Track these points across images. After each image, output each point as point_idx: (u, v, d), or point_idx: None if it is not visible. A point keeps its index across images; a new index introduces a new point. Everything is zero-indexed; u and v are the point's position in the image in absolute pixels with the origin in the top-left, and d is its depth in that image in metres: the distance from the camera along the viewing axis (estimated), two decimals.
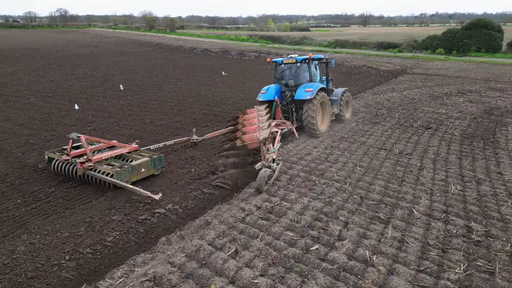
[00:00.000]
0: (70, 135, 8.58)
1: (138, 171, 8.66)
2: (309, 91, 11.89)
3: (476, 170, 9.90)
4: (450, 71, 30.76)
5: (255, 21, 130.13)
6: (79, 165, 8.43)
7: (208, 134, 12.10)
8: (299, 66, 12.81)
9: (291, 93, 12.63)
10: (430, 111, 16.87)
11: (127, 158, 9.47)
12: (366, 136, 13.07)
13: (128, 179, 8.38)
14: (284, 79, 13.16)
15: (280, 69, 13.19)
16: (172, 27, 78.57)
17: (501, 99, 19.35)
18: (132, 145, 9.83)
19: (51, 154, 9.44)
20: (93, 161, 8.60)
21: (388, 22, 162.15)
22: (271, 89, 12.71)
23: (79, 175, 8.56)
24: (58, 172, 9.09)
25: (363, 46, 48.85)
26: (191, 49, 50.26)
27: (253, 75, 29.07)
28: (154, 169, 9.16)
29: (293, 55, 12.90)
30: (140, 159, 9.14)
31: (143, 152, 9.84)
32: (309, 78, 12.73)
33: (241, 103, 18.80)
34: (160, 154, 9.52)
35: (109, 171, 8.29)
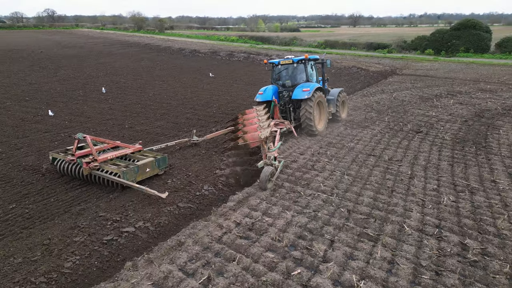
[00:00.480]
0: (76, 135, 8.59)
1: (143, 170, 8.79)
2: (306, 91, 12.06)
3: (469, 178, 9.39)
4: (439, 72, 30.48)
5: (246, 22, 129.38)
6: (85, 165, 8.47)
7: (209, 135, 12.09)
8: (296, 67, 13.00)
9: (289, 93, 12.83)
10: (420, 114, 16.40)
11: (131, 158, 9.59)
12: (355, 141, 12.51)
13: (134, 178, 8.48)
14: (281, 79, 13.32)
15: (277, 70, 13.36)
16: (161, 27, 77.44)
17: (491, 101, 19.00)
18: (135, 146, 9.93)
19: (55, 154, 9.43)
20: (99, 161, 8.65)
21: (378, 22, 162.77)
22: (268, 90, 12.84)
23: (85, 175, 8.62)
24: (63, 172, 9.16)
25: (352, 47, 48.54)
26: (180, 50, 49.39)
27: (241, 77, 28.41)
28: (158, 169, 9.32)
29: (289, 56, 13.07)
30: (144, 159, 9.25)
31: (146, 152, 9.99)
32: (306, 78, 12.93)
33: (226, 106, 18.14)
34: (164, 154, 9.64)
35: (115, 171, 8.37)
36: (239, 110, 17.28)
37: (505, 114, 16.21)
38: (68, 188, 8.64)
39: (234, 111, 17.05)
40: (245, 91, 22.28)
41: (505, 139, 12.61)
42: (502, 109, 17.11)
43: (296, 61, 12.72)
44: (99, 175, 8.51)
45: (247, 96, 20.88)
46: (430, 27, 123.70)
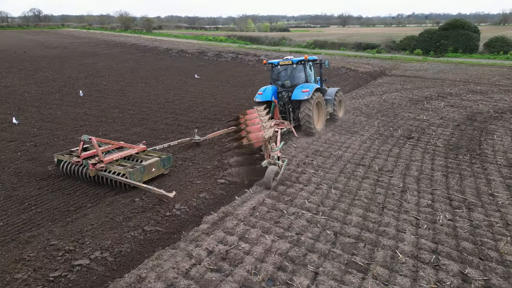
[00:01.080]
0: (82, 137, 8.57)
1: (149, 170, 8.82)
2: (305, 92, 12.12)
3: (465, 191, 8.64)
4: (429, 72, 29.96)
5: (235, 22, 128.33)
6: (91, 166, 8.48)
7: (210, 134, 12.15)
8: (295, 67, 13.06)
9: (288, 93, 12.87)
10: (411, 118, 15.69)
11: (136, 158, 9.58)
12: (343, 148, 11.72)
13: (140, 178, 8.50)
14: (280, 80, 13.37)
15: (276, 70, 13.40)
16: (149, 27, 75.95)
17: (482, 103, 18.41)
18: (140, 146, 9.91)
19: (60, 156, 9.44)
20: (105, 162, 8.65)
21: (367, 22, 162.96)
22: (268, 90, 12.88)
23: (91, 176, 8.62)
24: (69, 173, 9.15)
25: (342, 47, 47.94)
26: (167, 50, 48.21)
27: (228, 78, 27.48)
28: (164, 168, 9.36)
29: (288, 57, 13.13)
30: (149, 159, 9.26)
31: (150, 152, 9.96)
32: (305, 79, 13.00)
33: (209, 110, 17.21)
34: (169, 154, 9.68)
35: (122, 172, 8.39)
36: (223, 114, 16.39)
37: (497, 118, 15.60)
38: (20, 210, 7.64)
39: (217, 115, 16.13)
40: (231, 94, 21.37)
41: (500, 146, 11.94)
42: (494, 112, 16.51)
43: (295, 62, 12.75)
44: (106, 176, 8.52)
45: (232, 99, 19.99)
46: (418, 27, 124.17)
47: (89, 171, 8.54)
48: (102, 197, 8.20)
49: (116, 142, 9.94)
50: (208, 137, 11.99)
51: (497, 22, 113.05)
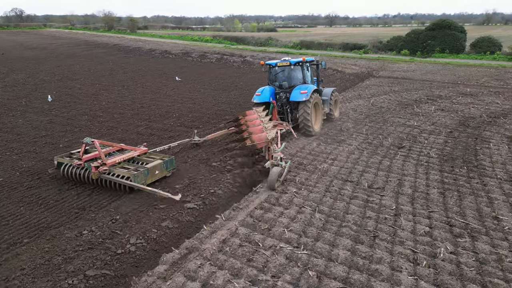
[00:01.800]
0: (84, 140, 8.44)
1: (152, 173, 8.67)
2: (304, 93, 12.08)
3: (466, 213, 7.58)
4: (416, 73, 29.16)
5: (222, 22, 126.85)
6: (94, 169, 8.24)
7: (209, 136, 12.05)
8: (293, 69, 12.93)
9: (286, 94, 12.78)
10: (400, 124, 14.68)
11: (138, 161, 9.39)
12: (329, 161, 10.59)
13: (144, 181, 8.36)
14: (278, 81, 13.29)
15: (274, 71, 13.35)
16: (133, 27, 73.88)
17: (474, 107, 17.54)
18: (141, 148, 9.71)
19: (61, 159, 9.16)
20: (108, 165, 8.39)
21: (353, 22, 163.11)
22: (265, 91, 12.81)
23: (94, 179, 8.38)
24: (70, 177, 8.88)
25: (328, 47, 47.02)
26: (150, 50, 46.60)
27: (211, 80, 26.18)
28: (167, 171, 9.17)
29: (286, 58, 13.20)
30: (152, 161, 9.10)
31: (152, 154, 9.76)
32: (303, 80, 12.93)
33: (187, 116, 15.92)
34: (171, 156, 9.51)
35: (126, 174, 8.21)
36: (200, 121, 15.12)
37: (491, 123, 14.69)
38: None
39: (194, 123, 14.86)
40: (212, 98, 20.11)
41: (497, 156, 10.96)
42: (487, 117, 15.61)
43: (293, 63, 12.71)
44: (109, 179, 8.28)
45: (213, 103, 18.73)
46: (404, 27, 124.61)
47: (92, 174, 8.26)
48: (45, 229, 6.88)
49: (117, 144, 9.64)
50: (208, 138, 11.86)
51: (480, 22, 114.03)
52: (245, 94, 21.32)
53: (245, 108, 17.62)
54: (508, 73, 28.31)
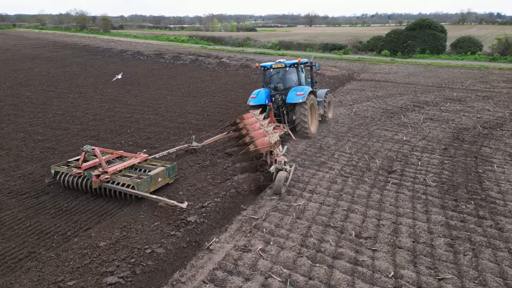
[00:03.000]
0: (84, 148, 8.07)
1: (155, 180, 8.27)
2: (300, 95, 11.81)
3: (487, 280, 5.57)
4: (399, 75, 27.50)
5: (201, 21, 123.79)
6: (95, 177, 7.81)
7: (207, 140, 11.53)
8: (288, 70, 12.70)
9: (282, 96, 12.47)
10: (388, 138, 12.71)
11: (139, 168, 9.01)
12: (306, 193, 8.46)
13: (147, 189, 7.96)
14: (273, 83, 13.00)
15: (269, 73, 13.04)
16: (106, 27, 70.06)
17: (465, 115, 15.78)
18: (142, 155, 9.28)
19: (58, 167, 8.64)
20: (110, 173, 7.98)
21: (332, 22, 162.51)
22: (261, 94, 12.46)
23: (95, 188, 7.94)
24: (69, 186, 8.39)
25: (308, 48, 45.10)
26: (121, 51, 43.59)
27: (180, 85, 23.73)
28: (169, 178, 8.76)
29: (281, 60, 12.92)
30: (154, 168, 8.71)
31: (152, 161, 9.36)
32: (298, 82, 12.67)
33: (144, 131, 13.51)
34: (173, 163, 9.05)
35: (129, 183, 7.78)
36: (158, 138, 12.75)
37: (488, 136, 12.90)
38: None
39: (149, 141, 12.47)
40: (178, 107, 17.72)
41: (505, 183, 9.05)
42: (481, 127, 13.83)
43: (288, 65, 12.45)
44: (111, 188, 7.88)
45: (178, 113, 16.37)
46: (382, 26, 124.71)
47: (92, 183, 7.86)
48: None
49: (116, 151, 9.15)
50: (206, 143, 11.36)
51: (456, 21, 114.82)
52: (215, 101, 19.02)
53: (212, 120, 15.36)
54: (492, 75, 26.98)
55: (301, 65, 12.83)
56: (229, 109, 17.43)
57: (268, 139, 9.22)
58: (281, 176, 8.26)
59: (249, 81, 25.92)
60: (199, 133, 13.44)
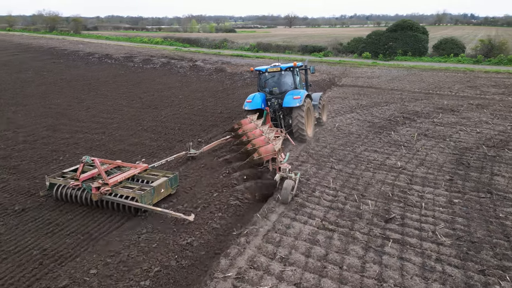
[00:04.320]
0: (84, 159, 7.64)
1: (158, 192, 7.75)
2: (297, 99, 11.43)
3: None
4: (382, 80, 25.36)
5: (180, 22, 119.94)
6: (95, 190, 7.31)
7: (205, 147, 10.86)
8: (283, 74, 12.37)
9: (278, 100, 12.12)
10: (379, 164, 10.29)
11: (139, 178, 8.41)
12: (278, 265, 5.88)
13: (151, 201, 7.49)
14: (268, 87, 12.58)
15: (264, 77, 12.62)
16: (77, 28, 65.74)
17: (462, 130, 13.58)
18: (141, 164, 8.70)
19: (53, 179, 8.00)
20: (110, 184, 7.45)
21: (312, 23, 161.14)
22: (256, 98, 12.05)
23: (95, 201, 7.45)
24: (66, 199, 7.81)
25: (287, 50, 42.66)
26: (88, 54, 40.12)
27: (144, 93, 20.82)
28: (171, 188, 8.23)
29: (276, 64, 12.44)
30: (156, 178, 8.21)
31: (152, 171, 8.79)
32: (293, 85, 12.34)
33: (79, 159, 10.66)
34: (175, 172, 8.53)
35: (131, 195, 7.34)
36: (104, 156, 9.91)
37: (496, 159, 10.65)
38: None
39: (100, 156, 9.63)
40: (134, 121, 14.90)
41: None
42: (486, 147, 11.61)
43: (284, 69, 12.08)
44: (112, 200, 7.37)
45: (132, 131, 13.58)
46: (361, 27, 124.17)
47: (92, 195, 7.32)
48: None
49: (113, 161, 8.84)
50: (204, 149, 10.83)
51: (432, 22, 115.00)
52: (179, 114, 16.27)
53: (170, 141, 12.64)
54: (479, 79, 25.17)
55: (296, 68, 12.45)
56: (194, 124, 14.73)
57: (272, 147, 8.79)
58: (288, 184, 7.88)
59: (221, 87, 23.24)
60: (151, 158, 10.70)
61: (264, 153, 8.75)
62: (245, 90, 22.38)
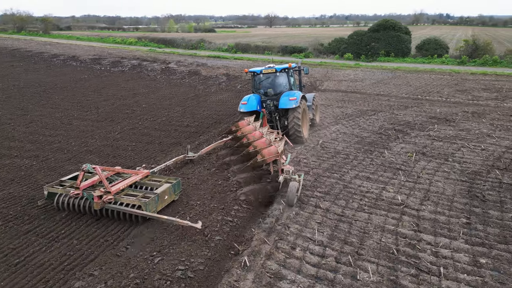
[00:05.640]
0: (85, 167, 7.30)
1: (162, 199, 7.42)
2: (293, 100, 11.22)
3: None
4: (367, 84, 23.37)
5: (159, 21, 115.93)
6: (97, 198, 6.95)
7: (203, 150, 10.44)
8: (278, 76, 12.03)
9: (273, 102, 11.76)
10: (373, 199, 8.06)
11: (141, 185, 8.06)
12: None
13: (155, 209, 7.17)
14: (263, 88, 12.20)
15: (258, 79, 12.24)
16: (46, 28, 61.38)
17: (465, 146, 11.55)
18: (143, 171, 8.29)
19: (52, 188, 7.61)
20: (113, 192, 7.12)
21: (292, 23, 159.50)
22: (252, 100, 11.68)
23: (96, 209, 7.09)
24: (66, 208, 7.41)
25: (266, 51, 40.31)
26: (53, 56, 36.75)
27: (103, 101, 18.09)
28: (174, 194, 7.87)
29: (271, 65, 12.35)
30: (159, 185, 7.88)
31: (154, 177, 8.40)
32: (289, 87, 12.02)
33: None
34: (177, 178, 8.15)
35: (135, 203, 6.99)
36: (5, 219, 7.30)
37: None
38: None
39: None
40: (81, 139, 12.24)
41: None
42: (497, 170, 9.57)
43: (279, 70, 11.81)
44: (114, 209, 7.02)
45: (72, 154, 10.95)
46: (341, 27, 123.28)
47: (94, 205, 6.94)
48: None
49: (112, 167, 8.43)
50: (202, 152, 10.33)
51: (410, 22, 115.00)
52: (138, 128, 13.70)
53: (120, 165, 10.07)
54: (467, 81, 23.51)
55: (291, 70, 12.22)
56: (152, 142, 12.19)
57: (275, 148, 8.60)
58: (293, 186, 7.70)
59: (193, 93, 20.70)
60: None
61: (267, 155, 8.49)
62: (219, 97, 19.95)
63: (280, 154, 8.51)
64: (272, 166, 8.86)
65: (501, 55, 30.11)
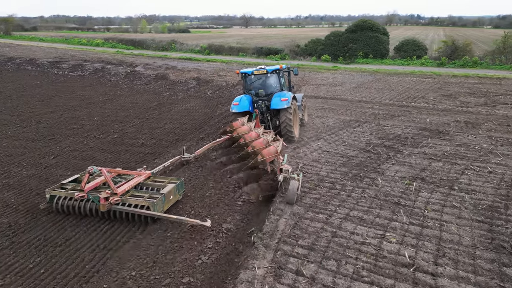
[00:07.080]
0: (91, 169, 7.32)
1: (168, 199, 7.42)
2: (284, 100, 11.29)
3: None
4: (347, 88, 21.53)
5: (132, 22, 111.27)
6: (103, 200, 6.88)
7: (198, 151, 10.17)
8: (269, 77, 12.06)
9: (264, 102, 11.85)
10: (372, 256, 5.97)
11: (144, 186, 8.03)
12: None
13: (162, 209, 7.16)
14: (254, 89, 12.21)
15: (249, 79, 12.27)
16: (7, 29, 56.49)
17: (468, 168, 9.67)
18: (145, 172, 8.25)
19: (54, 191, 7.47)
20: (119, 194, 7.08)
21: (268, 23, 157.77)
22: (243, 100, 11.70)
23: (102, 211, 6.99)
24: (69, 211, 7.29)
25: (241, 53, 37.96)
26: (9, 60, 33.13)
27: (49, 113, 15.32)
28: (178, 194, 7.90)
29: (262, 66, 12.22)
30: (162, 185, 7.86)
31: (156, 178, 8.38)
32: (279, 87, 12.09)
33: None
34: (181, 178, 8.18)
35: (143, 203, 6.98)
36: None
37: None
38: None
39: None
40: (4, 167, 9.56)
41: None
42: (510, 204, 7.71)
43: (270, 71, 11.87)
44: (121, 210, 6.96)
45: None
46: (316, 27, 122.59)
47: (100, 207, 6.88)
48: None
49: (114, 169, 8.29)
50: (197, 153, 10.06)
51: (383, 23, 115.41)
52: (81, 149, 11.12)
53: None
54: (450, 84, 22.08)
55: (281, 71, 12.24)
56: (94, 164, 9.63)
57: (274, 148, 8.67)
58: (294, 185, 7.53)
59: (156, 102, 18.16)
60: None
61: (267, 155, 8.58)
62: (186, 105, 17.53)
63: (279, 154, 8.70)
64: (269, 166, 8.86)
65: (480, 56, 29.09)
